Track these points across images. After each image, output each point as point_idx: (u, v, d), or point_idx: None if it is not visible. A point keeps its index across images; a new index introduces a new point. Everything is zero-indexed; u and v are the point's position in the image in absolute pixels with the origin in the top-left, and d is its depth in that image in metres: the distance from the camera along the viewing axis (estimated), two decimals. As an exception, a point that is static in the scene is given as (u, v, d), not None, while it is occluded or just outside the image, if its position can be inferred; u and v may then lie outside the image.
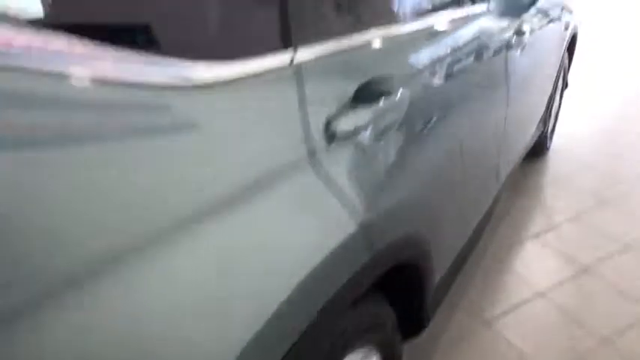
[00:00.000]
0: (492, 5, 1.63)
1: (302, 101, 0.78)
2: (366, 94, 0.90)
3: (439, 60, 1.23)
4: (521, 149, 2.44)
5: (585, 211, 2.57)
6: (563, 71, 3.15)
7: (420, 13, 1.20)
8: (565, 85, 3.42)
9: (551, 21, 2.40)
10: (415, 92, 1.06)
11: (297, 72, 0.77)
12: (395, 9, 1.11)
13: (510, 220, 2.50)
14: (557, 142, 3.41)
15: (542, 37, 2.18)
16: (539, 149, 3.13)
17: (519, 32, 1.77)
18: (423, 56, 1.17)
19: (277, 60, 0.74)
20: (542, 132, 2.89)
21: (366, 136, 0.91)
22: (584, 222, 2.47)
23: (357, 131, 0.88)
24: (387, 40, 1.03)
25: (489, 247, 2.26)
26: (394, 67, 1.04)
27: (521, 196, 2.74)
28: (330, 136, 0.83)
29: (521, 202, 2.68)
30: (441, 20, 1.30)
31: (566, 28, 2.76)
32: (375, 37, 0.99)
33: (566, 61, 3.05)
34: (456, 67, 1.32)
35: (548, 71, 2.61)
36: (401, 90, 0.98)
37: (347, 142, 0.87)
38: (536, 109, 2.56)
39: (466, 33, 1.41)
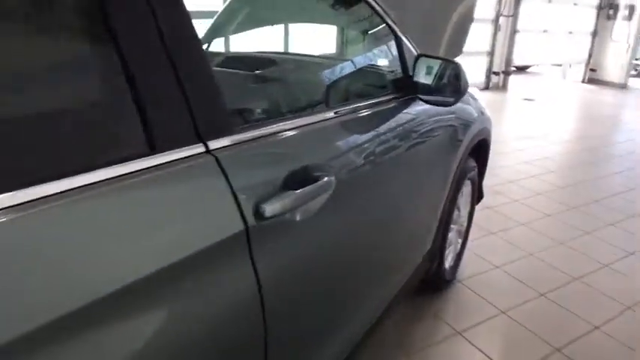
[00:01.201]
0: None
1: (220, 188, 0.82)
2: (293, 180, 0.96)
3: (349, 151, 1.25)
4: (395, 274, 1.76)
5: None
6: (472, 183, 2.44)
7: (336, 104, 1.42)
8: (479, 197, 2.71)
9: (442, 122, 1.85)
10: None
11: (215, 162, 0.83)
12: (307, 102, 1.42)
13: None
14: (469, 271, 2.65)
15: (427, 141, 1.73)
16: (435, 281, 2.35)
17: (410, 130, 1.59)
18: (338, 145, 1.23)
19: (191, 152, 0.79)
20: (433, 258, 2.11)
21: (293, 217, 0.95)
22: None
23: (284, 213, 0.91)
24: (303, 130, 1.12)
25: None
26: (317, 155, 1.12)
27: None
28: (259, 217, 0.86)
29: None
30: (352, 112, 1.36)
31: (467, 130, 2.06)
32: (292, 126, 1.09)
33: (471, 170, 2.33)
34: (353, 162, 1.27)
35: (434, 181, 1.92)
36: (326, 177, 1.03)
37: (275, 223, 0.90)
38: (413, 226, 1.86)
39: (364, 127, 1.39)
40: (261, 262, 0.89)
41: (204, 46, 2.46)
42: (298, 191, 0.96)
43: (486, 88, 9.10)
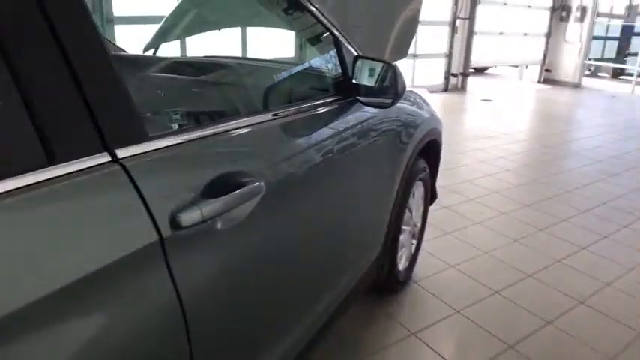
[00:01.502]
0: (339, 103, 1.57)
1: (130, 198, 0.79)
2: (214, 187, 0.92)
3: (284, 154, 1.25)
4: (339, 279, 1.71)
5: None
6: (424, 184, 2.45)
7: (272, 107, 1.41)
8: (432, 198, 2.73)
9: (385, 124, 1.84)
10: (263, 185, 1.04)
11: (123, 172, 0.79)
12: (239, 106, 1.44)
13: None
14: (424, 272, 2.66)
15: (368, 143, 1.71)
16: (389, 283, 2.34)
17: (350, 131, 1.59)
18: (271, 148, 1.22)
19: (97, 162, 0.75)
20: (383, 261, 2.10)
21: (215, 226, 0.92)
22: None
23: (204, 222, 0.88)
24: (230, 135, 1.10)
25: None
26: (246, 160, 1.10)
27: None
28: (176, 227, 0.83)
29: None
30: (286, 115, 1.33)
31: (413, 131, 2.06)
32: (218, 131, 1.07)
33: (422, 171, 2.33)
34: (295, 164, 1.28)
35: (378, 184, 1.91)
36: (254, 183, 1.01)
37: (194, 232, 0.87)
38: (357, 230, 1.83)
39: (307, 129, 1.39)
40: (180, 273, 0.85)
41: (150, 52, 2.41)
42: (220, 198, 0.93)
43: (445, 89, 9.24)
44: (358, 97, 1.58)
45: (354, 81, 1.60)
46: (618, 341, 2.18)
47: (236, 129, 1.14)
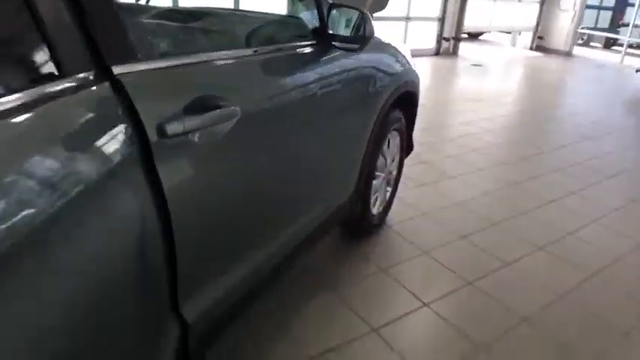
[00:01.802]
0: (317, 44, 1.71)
1: (124, 109, 0.92)
2: (196, 106, 1.08)
3: (260, 86, 1.41)
4: (311, 208, 1.89)
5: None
6: (399, 134, 2.59)
7: (247, 42, 1.59)
8: (409, 149, 2.88)
9: (358, 70, 1.98)
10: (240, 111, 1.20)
11: (117, 86, 0.92)
12: (223, 42, 1.61)
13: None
14: (398, 218, 2.84)
15: (341, 87, 1.86)
16: (364, 225, 2.52)
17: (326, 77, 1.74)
18: (249, 80, 1.38)
19: (94, 77, 0.88)
20: (356, 201, 2.27)
21: (195, 138, 1.08)
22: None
23: (187, 133, 1.04)
24: (212, 64, 1.27)
25: None
26: (221, 87, 1.24)
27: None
28: (162, 135, 0.98)
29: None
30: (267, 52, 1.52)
31: (387, 80, 2.20)
32: (202, 60, 1.24)
33: (397, 121, 2.48)
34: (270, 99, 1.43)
35: (352, 124, 2.06)
36: (231, 107, 1.17)
37: (178, 142, 1.03)
38: (328, 166, 1.99)
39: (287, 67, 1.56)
40: (165, 173, 1.00)
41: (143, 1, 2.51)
42: (199, 115, 1.08)
43: (437, 53, 9.30)
44: (332, 42, 1.72)
45: (328, 27, 1.73)
46: (571, 280, 2.38)
47: (218, 59, 1.30)
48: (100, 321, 0.87)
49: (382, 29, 2.22)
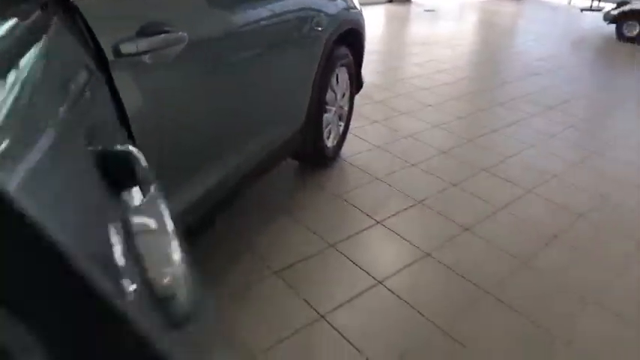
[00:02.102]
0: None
1: (83, 30, 1.03)
2: (147, 31, 1.22)
3: (206, 16, 1.52)
4: (264, 134, 2.04)
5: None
6: (347, 69, 2.74)
7: None
8: (359, 86, 3.03)
9: (298, 7, 2.09)
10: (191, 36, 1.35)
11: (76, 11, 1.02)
12: None
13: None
14: (351, 151, 3.02)
15: (283, 23, 2.00)
16: (318, 157, 2.69)
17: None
18: (196, 10, 1.48)
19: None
20: (307, 132, 2.43)
21: (147, 58, 1.22)
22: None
23: (139, 54, 1.19)
24: None
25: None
26: (170, 15, 1.34)
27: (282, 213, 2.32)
28: (118, 54, 1.12)
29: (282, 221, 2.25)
30: None
31: (329, 18, 2.32)
32: None
33: (344, 57, 2.62)
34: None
35: (297, 58, 2.20)
36: (176, 32, 1.31)
37: (132, 61, 1.18)
38: (278, 92, 2.12)
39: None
40: (122, 90, 1.13)
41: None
42: (150, 38, 1.21)
43: (390, 0, 9.35)
44: None
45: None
46: (509, 196, 2.63)
47: None
48: None
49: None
